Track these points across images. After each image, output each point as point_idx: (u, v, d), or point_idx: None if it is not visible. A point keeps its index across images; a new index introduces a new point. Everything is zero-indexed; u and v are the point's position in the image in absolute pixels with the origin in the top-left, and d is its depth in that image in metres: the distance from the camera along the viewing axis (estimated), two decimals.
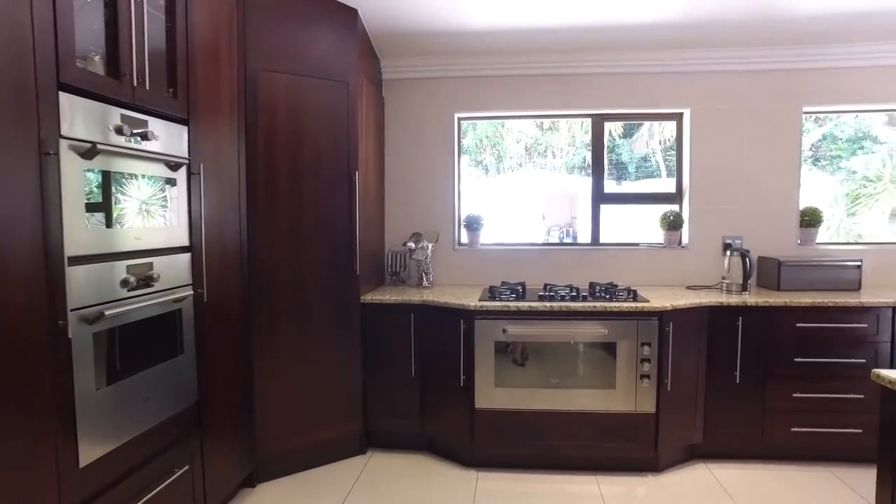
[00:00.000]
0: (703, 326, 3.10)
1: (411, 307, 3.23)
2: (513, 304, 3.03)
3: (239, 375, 2.75)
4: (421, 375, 3.25)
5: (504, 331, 3.03)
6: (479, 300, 3.13)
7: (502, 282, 3.55)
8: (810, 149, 3.94)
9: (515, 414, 3.06)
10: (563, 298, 3.11)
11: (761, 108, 3.69)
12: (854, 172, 4.05)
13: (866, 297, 3.15)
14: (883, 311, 3.09)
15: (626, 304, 2.99)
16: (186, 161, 2.27)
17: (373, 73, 3.60)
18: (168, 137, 2.16)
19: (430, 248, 3.67)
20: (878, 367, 3.09)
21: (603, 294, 3.21)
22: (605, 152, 3.88)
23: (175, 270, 2.23)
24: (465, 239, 3.94)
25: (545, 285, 3.40)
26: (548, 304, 3.03)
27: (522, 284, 3.33)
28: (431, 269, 3.71)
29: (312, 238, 3.05)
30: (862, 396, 3.09)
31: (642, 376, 2.99)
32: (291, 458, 3.06)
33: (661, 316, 2.97)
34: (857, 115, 3.96)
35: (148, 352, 2.09)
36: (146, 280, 2.05)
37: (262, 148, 2.85)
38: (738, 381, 3.10)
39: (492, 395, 3.07)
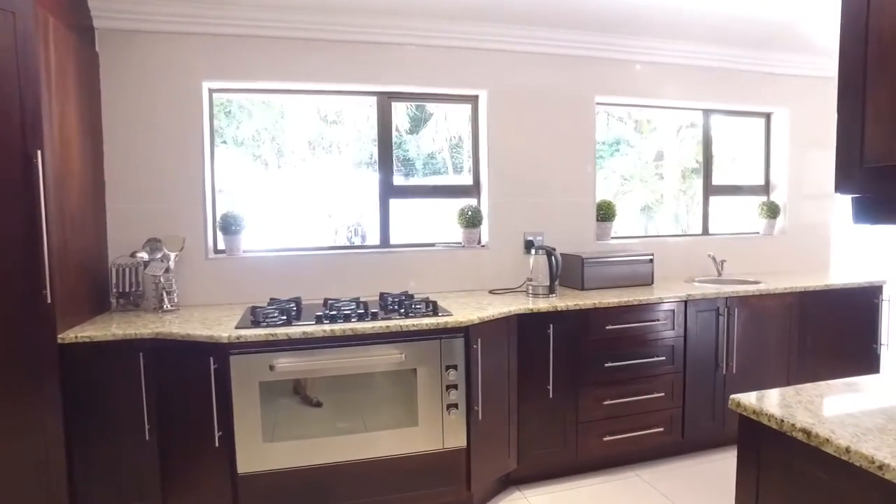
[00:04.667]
0: (512, 338, 2.69)
1: (141, 343, 2.29)
2: (281, 331, 2.27)
3: None
4: (159, 437, 2.33)
5: (271, 367, 2.26)
6: (237, 327, 2.32)
7: (271, 298, 2.76)
8: None
9: (294, 474, 2.32)
10: (347, 317, 2.44)
11: (558, 95, 3.43)
12: (614, 171, 4.15)
13: (662, 293, 3.06)
14: (678, 306, 3.02)
15: (425, 321, 2.43)
16: None
17: (70, 13, 2.54)
18: None
19: (172, 258, 2.73)
20: (674, 363, 3.03)
21: (397, 308, 2.62)
22: (393, 141, 3.32)
23: None
24: (222, 245, 3.05)
25: (325, 300, 2.69)
26: (328, 326, 2.33)
27: (297, 301, 2.59)
28: (175, 287, 2.75)
29: None
30: (662, 395, 3.04)
31: (449, 406, 2.46)
32: None
33: (468, 331, 2.48)
34: (608, 122, 4.01)
35: None
36: None
37: None
38: (551, 396, 2.76)
39: (260, 453, 2.29)
